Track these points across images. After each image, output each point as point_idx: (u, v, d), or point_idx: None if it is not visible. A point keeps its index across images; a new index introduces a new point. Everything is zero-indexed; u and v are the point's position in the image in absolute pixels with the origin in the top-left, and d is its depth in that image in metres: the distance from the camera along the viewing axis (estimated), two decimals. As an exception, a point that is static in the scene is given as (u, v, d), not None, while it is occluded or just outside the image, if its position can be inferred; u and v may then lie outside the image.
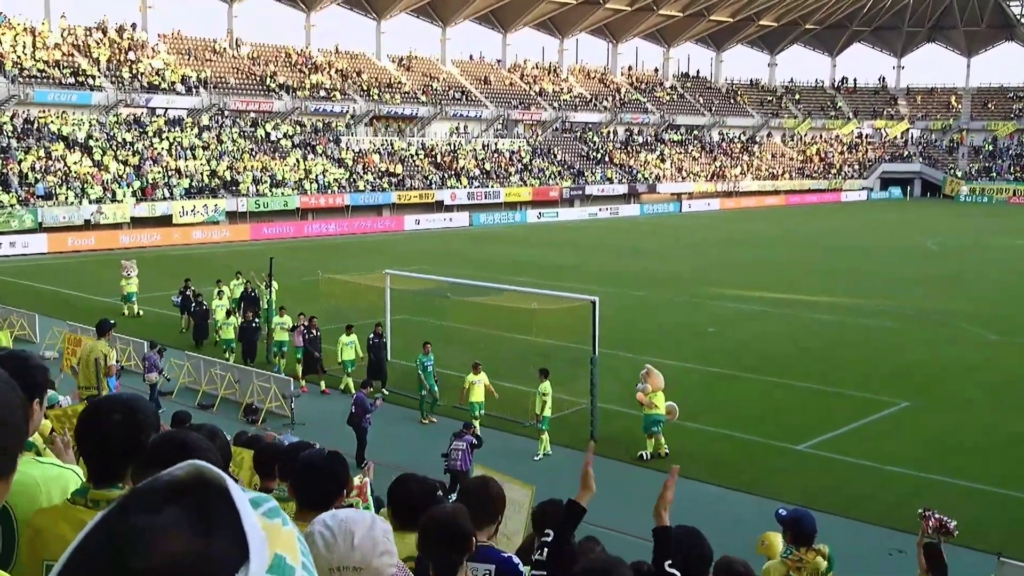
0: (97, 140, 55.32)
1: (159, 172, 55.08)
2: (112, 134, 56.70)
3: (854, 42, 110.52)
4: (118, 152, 55.29)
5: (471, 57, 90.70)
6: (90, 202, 50.18)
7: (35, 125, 54.34)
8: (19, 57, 57.09)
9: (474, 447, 15.67)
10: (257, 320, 25.09)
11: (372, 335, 22.30)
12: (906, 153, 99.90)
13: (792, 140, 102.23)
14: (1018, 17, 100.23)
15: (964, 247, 53.69)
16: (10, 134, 52.72)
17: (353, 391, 20.39)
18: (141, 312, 30.56)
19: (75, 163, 52.45)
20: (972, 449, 18.64)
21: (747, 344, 27.66)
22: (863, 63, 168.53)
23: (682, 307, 33.85)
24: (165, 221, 52.35)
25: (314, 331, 23.00)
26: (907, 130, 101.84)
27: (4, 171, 49.50)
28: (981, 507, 15.57)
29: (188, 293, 28.29)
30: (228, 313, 25.34)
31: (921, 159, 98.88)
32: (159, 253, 47.90)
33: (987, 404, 21.80)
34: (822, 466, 17.69)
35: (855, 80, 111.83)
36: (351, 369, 22.28)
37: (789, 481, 16.86)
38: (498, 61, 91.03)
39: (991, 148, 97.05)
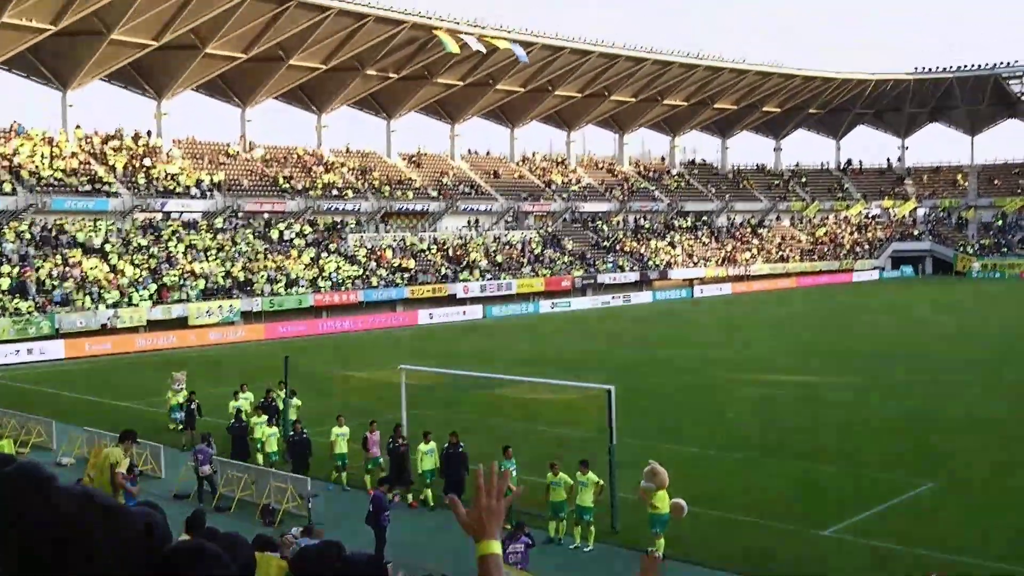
0: (113, 245, 56.05)
1: (175, 275, 55.65)
2: (128, 239, 57.46)
3: (858, 125, 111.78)
4: (134, 256, 55.95)
5: (473, 151, 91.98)
6: (106, 307, 50.60)
7: (52, 232, 55.14)
8: (37, 167, 58.22)
9: (530, 547, 15.35)
10: (306, 431, 23.18)
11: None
12: (916, 232, 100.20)
13: (801, 222, 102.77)
14: (1019, 95, 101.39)
15: (982, 324, 53.41)
16: (28, 242, 53.50)
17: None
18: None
19: (92, 268, 53.06)
20: (1004, 532, 18.30)
21: (766, 427, 27.43)
22: (868, 145, 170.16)
23: (700, 392, 33.67)
24: (181, 323, 52.67)
25: (400, 440, 21.51)
26: (915, 209, 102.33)
27: (22, 279, 50.08)
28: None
29: (193, 407, 27.32)
30: (270, 421, 24.04)
31: (931, 237, 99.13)
32: (176, 355, 48.07)
33: (1017, 486, 21.47)
34: (848, 551, 17.38)
35: (860, 162, 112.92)
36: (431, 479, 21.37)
37: (816, 569, 16.56)
38: (507, 155, 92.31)
39: (1000, 224, 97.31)
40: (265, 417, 24.03)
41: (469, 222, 78.72)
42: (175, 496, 21.44)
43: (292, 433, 23.04)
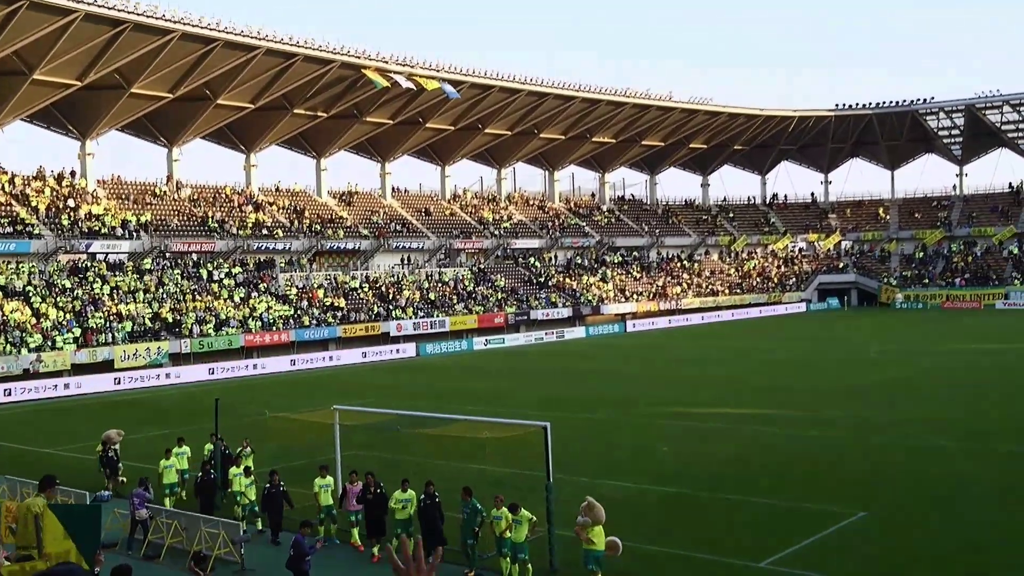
0: (36, 288, 54.74)
1: (100, 317, 54.48)
2: (52, 281, 56.18)
3: (782, 160, 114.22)
4: (58, 299, 54.70)
5: (403, 188, 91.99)
6: (29, 351, 49.30)
7: (-28, 276, 53.70)
8: (-44, 209, 56.76)
9: None
10: (283, 484, 21.60)
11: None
12: (841, 264, 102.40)
13: (729, 256, 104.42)
14: (935, 131, 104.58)
15: (906, 354, 54.63)
16: (-54, 286, 52.00)
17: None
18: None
19: (13, 312, 51.70)
20: (932, 559, 18.62)
21: (700, 462, 27.63)
22: (792, 179, 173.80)
23: (633, 428, 33.83)
24: (107, 367, 51.50)
25: (376, 489, 20.33)
26: (839, 242, 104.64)
27: (-61, 324, 48.60)
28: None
29: (111, 455, 26.54)
30: (247, 471, 22.68)
31: (855, 269, 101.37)
32: (103, 399, 46.96)
33: (943, 511, 21.88)
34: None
35: (786, 196, 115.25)
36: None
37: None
38: (438, 192, 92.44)
39: (921, 255, 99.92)
40: (242, 468, 22.70)
41: (401, 260, 78.54)
42: (103, 546, 20.80)
43: (269, 485, 21.56)
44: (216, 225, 69.08)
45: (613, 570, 17.53)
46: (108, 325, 54.13)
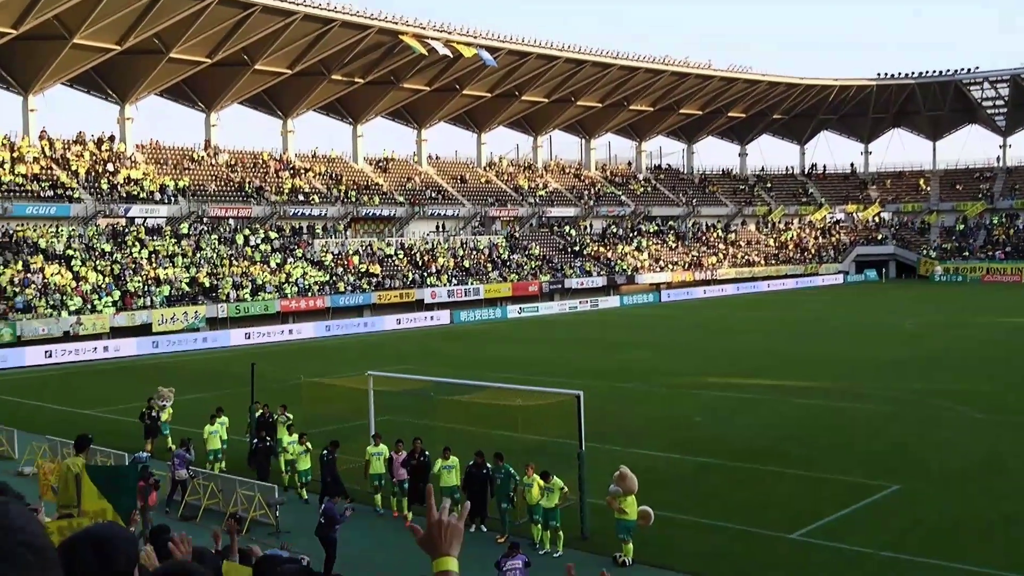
0: (76, 251, 55.40)
1: (139, 281, 55.08)
2: (91, 245, 56.83)
3: (822, 130, 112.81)
4: (97, 263, 55.33)
5: (435, 155, 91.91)
6: (69, 313, 49.99)
7: (13, 239, 54.42)
8: (-2, 172, 57.47)
9: (528, 565, 15.13)
10: (335, 451, 21.46)
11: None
12: (879, 236, 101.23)
13: (766, 227, 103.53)
14: (978, 101, 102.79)
15: (943, 326, 54.05)
16: (-12, 248, 52.76)
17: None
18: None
19: (54, 275, 52.39)
20: (966, 531, 18.50)
21: (733, 432, 27.57)
22: (832, 150, 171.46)
23: (667, 398, 33.79)
24: (145, 330, 52.13)
25: (421, 456, 20.51)
26: (879, 213, 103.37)
27: (-18, 286, 49.38)
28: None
29: (155, 414, 27.04)
30: (301, 437, 22.53)
31: (894, 241, 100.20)
32: (140, 362, 47.60)
33: (977, 484, 21.71)
34: (816, 555, 17.48)
35: (824, 167, 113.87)
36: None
37: (784, 571, 16.64)
38: (474, 160, 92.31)
39: (962, 228, 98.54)
40: (296, 436, 22.69)
41: (436, 227, 78.63)
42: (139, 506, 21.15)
43: (325, 452, 21.51)
44: (253, 191, 69.46)
45: (644, 539, 17.59)
46: (146, 289, 54.73)
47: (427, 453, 20.49)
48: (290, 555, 7.78)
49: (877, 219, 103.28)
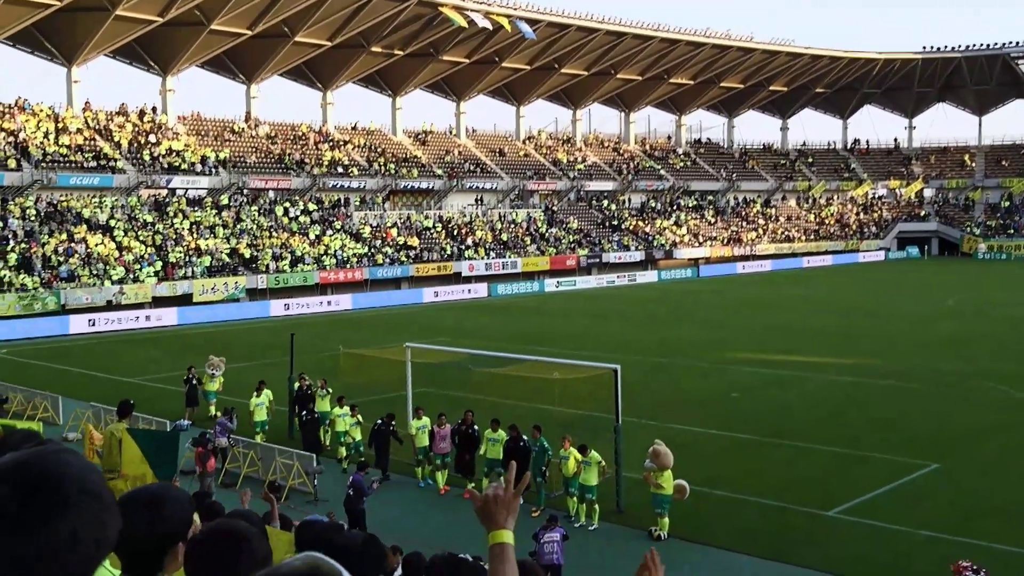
0: (119, 222, 56.04)
1: (180, 252, 55.67)
2: (133, 215, 57.46)
3: (865, 104, 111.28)
4: (139, 233, 55.95)
5: (472, 129, 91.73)
6: (112, 283, 50.66)
7: (58, 208, 55.15)
8: (42, 143, 58.16)
9: (565, 539, 15.16)
10: (391, 422, 21.62)
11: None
12: (922, 212, 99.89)
13: (807, 202, 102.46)
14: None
15: (985, 305, 53.33)
16: (33, 218, 53.50)
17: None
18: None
19: (97, 245, 53.07)
20: (1005, 512, 18.32)
21: (771, 409, 27.45)
22: (875, 124, 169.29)
23: (704, 373, 33.68)
24: (186, 300, 52.73)
25: (470, 429, 20.50)
26: (922, 189, 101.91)
27: (28, 255, 50.13)
28: (1019, 572, 15.26)
29: (195, 382, 27.29)
30: (353, 408, 22.47)
31: (938, 218, 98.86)
32: (181, 332, 48.19)
33: (1017, 465, 21.48)
34: (853, 532, 17.40)
35: (867, 141, 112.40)
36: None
37: (820, 548, 16.58)
38: (512, 133, 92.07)
39: (1007, 205, 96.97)
40: (347, 408, 22.65)
41: (475, 200, 78.64)
42: (181, 472, 21.47)
43: (379, 422, 21.55)
44: (293, 163, 69.82)
45: (680, 513, 17.60)
46: (187, 259, 55.30)
47: (476, 427, 20.54)
48: (331, 522, 7.88)
49: (920, 195, 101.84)
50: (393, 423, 21.60)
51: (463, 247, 69.35)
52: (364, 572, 4.07)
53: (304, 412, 23.61)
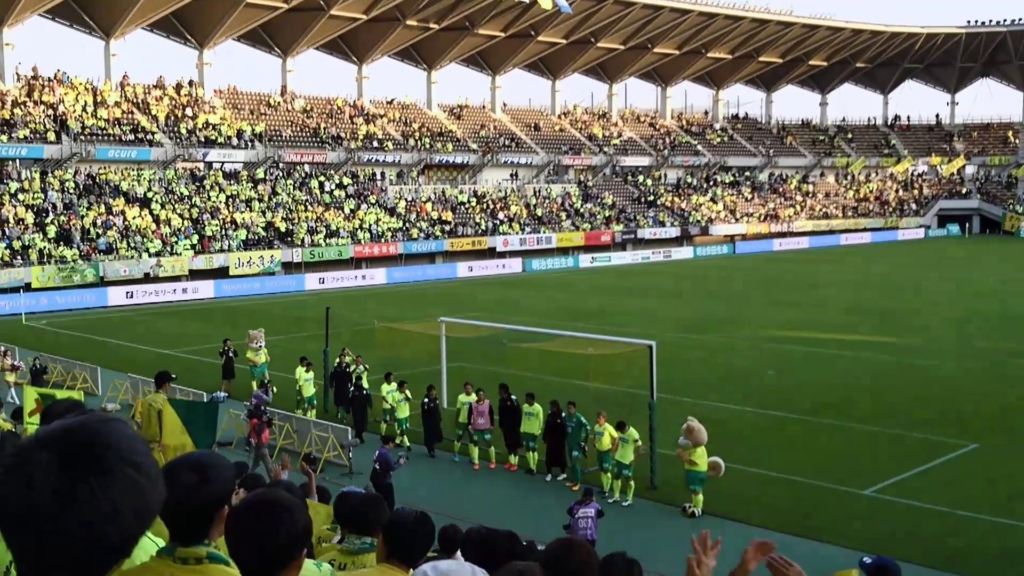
0: (156, 195, 56.47)
1: (216, 225, 56.04)
2: (171, 188, 57.87)
3: (906, 79, 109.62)
4: (176, 206, 56.36)
5: (504, 105, 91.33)
6: (149, 255, 51.12)
7: (96, 181, 55.65)
8: (81, 116, 58.65)
9: (601, 515, 15.12)
10: (435, 399, 21.66)
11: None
12: (964, 190, 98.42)
13: (846, 179, 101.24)
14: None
15: (1027, 284, 52.57)
16: (72, 191, 54.04)
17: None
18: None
19: (135, 217, 53.54)
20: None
21: (807, 386, 27.24)
22: (916, 100, 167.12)
23: (740, 350, 33.46)
24: (222, 273, 53.12)
25: (509, 402, 20.49)
26: (963, 166, 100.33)
27: (67, 227, 50.68)
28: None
29: (232, 355, 27.20)
30: (401, 384, 22.31)
31: (979, 195, 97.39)
32: (217, 304, 48.58)
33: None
34: (889, 512, 17.25)
35: (908, 117, 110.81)
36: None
37: (857, 527, 16.45)
38: (548, 107, 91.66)
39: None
40: (395, 384, 22.34)
41: (510, 175, 78.46)
42: (218, 444, 21.68)
43: (427, 400, 21.48)
44: (328, 137, 69.95)
45: (715, 490, 17.53)
46: (224, 232, 55.66)
47: (514, 397, 20.52)
48: (369, 493, 7.89)
49: (961, 172, 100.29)
50: (437, 399, 21.55)
51: (498, 222, 69.27)
52: (415, 549, 4.13)
53: (352, 388, 23.41)
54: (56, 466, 1.68)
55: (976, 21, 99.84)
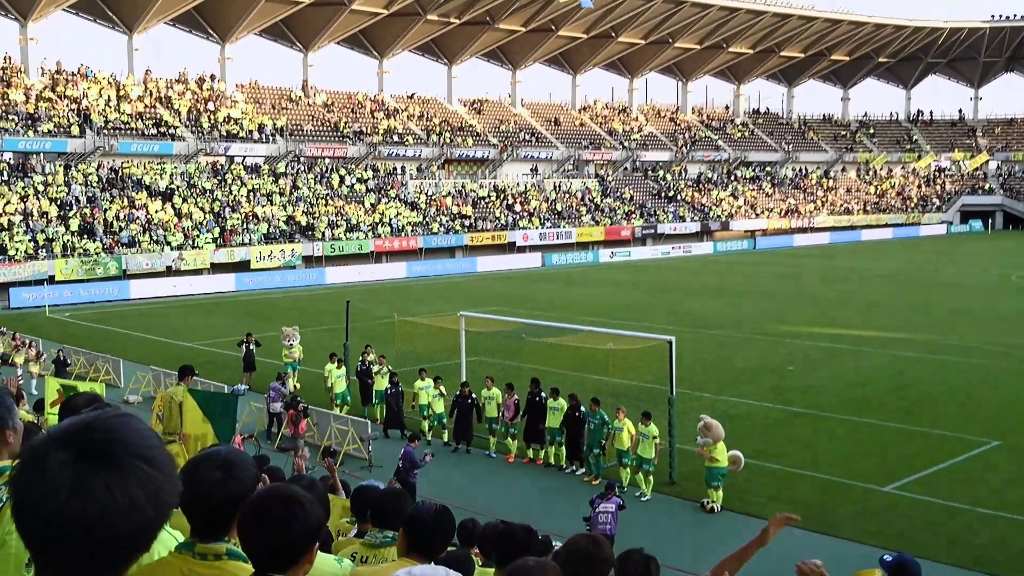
0: (178, 188, 56.78)
1: (238, 218, 56.30)
2: (192, 182, 58.18)
3: (929, 74, 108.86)
4: (198, 200, 56.66)
5: (525, 100, 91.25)
6: (171, 249, 51.42)
7: (119, 175, 56.00)
8: (104, 110, 59.03)
9: (622, 508, 15.06)
10: (473, 395, 21.41)
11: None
12: (987, 186, 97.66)
13: (867, 174, 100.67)
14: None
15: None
16: (95, 184, 54.41)
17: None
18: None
19: (157, 211, 53.86)
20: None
21: (828, 382, 27.12)
22: (939, 95, 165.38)
23: (760, 345, 33.35)
24: (243, 266, 53.38)
25: (537, 397, 20.41)
26: (987, 162, 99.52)
27: (90, 220, 51.03)
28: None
29: (252, 348, 27.06)
30: (436, 380, 22.17)
31: (1003, 191, 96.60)
32: (239, 297, 48.81)
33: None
34: (909, 509, 17.16)
35: (931, 112, 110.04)
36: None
37: (875, 524, 16.38)
38: (568, 102, 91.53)
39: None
40: (430, 381, 22.08)
41: (530, 170, 78.43)
42: (239, 435, 21.80)
43: (459, 395, 21.32)
44: (349, 131, 70.12)
45: (735, 485, 17.51)
46: (245, 226, 55.92)
47: (544, 394, 20.45)
48: (389, 488, 7.93)
49: (984, 168, 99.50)
50: (473, 395, 21.42)
51: (517, 216, 69.28)
52: (434, 544, 4.17)
53: (388, 385, 22.97)
54: (71, 463, 1.68)
55: (1000, 15, 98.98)
